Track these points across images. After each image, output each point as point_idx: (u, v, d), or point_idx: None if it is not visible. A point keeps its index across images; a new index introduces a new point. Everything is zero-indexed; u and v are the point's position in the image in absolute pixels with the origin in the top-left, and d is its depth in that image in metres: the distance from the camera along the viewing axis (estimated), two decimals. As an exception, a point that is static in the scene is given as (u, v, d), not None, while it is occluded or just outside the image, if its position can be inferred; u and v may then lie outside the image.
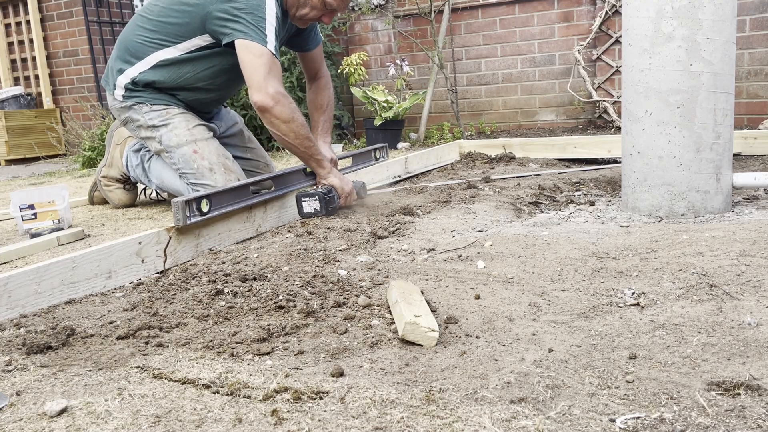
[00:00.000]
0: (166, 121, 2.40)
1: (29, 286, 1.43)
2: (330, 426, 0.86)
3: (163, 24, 2.32)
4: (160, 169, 2.56)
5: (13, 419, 0.94)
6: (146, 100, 2.41)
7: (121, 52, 2.42)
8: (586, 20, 4.58)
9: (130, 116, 2.45)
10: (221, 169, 2.35)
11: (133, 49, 2.38)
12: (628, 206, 2.07)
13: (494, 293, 1.36)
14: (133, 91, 2.42)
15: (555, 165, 3.23)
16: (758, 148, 3.01)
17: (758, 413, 0.82)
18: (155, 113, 2.40)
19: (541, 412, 0.87)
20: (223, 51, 2.27)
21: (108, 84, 2.48)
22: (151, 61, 2.36)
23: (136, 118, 2.44)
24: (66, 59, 6.43)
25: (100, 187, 2.86)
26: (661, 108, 1.91)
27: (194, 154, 2.35)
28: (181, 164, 2.39)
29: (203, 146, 2.37)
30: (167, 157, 2.43)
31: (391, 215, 2.19)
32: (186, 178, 2.40)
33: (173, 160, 2.41)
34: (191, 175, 2.37)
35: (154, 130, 2.41)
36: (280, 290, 1.43)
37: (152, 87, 2.42)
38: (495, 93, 5.04)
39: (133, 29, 2.40)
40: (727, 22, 1.86)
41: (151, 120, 2.41)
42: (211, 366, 1.08)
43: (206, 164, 2.35)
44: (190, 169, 2.37)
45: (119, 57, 2.43)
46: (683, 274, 1.38)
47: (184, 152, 2.37)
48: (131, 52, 2.39)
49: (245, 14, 2.13)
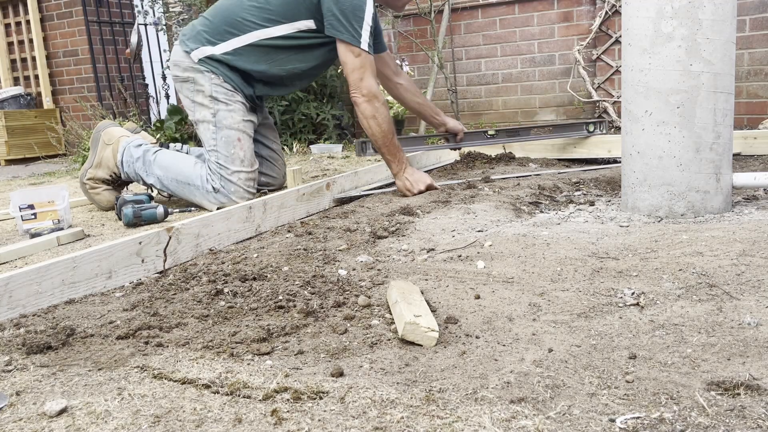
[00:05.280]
0: (229, 101, 2.56)
1: (30, 286, 1.43)
2: (330, 426, 0.86)
3: (268, 2, 2.48)
4: (171, 160, 2.65)
5: (13, 419, 0.94)
6: (221, 74, 2.55)
7: (217, 22, 2.53)
8: (586, 20, 4.58)
9: (195, 78, 2.56)
10: (247, 165, 2.58)
11: (233, 23, 2.51)
12: (627, 206, 2.07)
13: (494, 293, 1.36)
14: (212, 61, 2.55)
15: (555, 165, 3.23)
16: (758, 148, 3.00)
17: (758, 413, 0.82)
18: (222, 89, 2.55)
19: (541, 412, 0.87)
20: (319, 43, 2.52)
21: (187, 42, 2.57)
22: (248, 39, 2.51)
23: (202, 83, 2.56)
24: (66, 59, 6.43)
25: (86, 190, 2.80)
26: (661, 108, 1.91)
27: (237, 142, 2.56)
28: (220, 143, 2.56)
29: (245, 140, 2.59)
30: (210, 130, 2.56)
31: (391, 215, 2.19)
32: (215, 156, 2.56)
33: (215, 135, 2.56)
34: (222, 156, 2.55)
35: (213, 102, 2.55)
36: (280, 290, 1.43)
37: (232, 66, 2.55)
38: (495, 93, 5.04)
39: (237, 3, 2.52)
40: (727, 22, 1.86)
41: (216, 93, 2.55)
42: (211, 366, 1.08)
43: (240, 155, 2.57)
44: (225, 151, 2.55)
45: (214, 27, 2.54)
46: (683, 274, 1.38)
47: (230, 135, 2.55)
48: (230, 24, 2.51)
49: (348, 14, 2.37)
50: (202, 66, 2.55)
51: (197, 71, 2.56)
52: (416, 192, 2.48)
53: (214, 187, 2.58)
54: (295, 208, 2.34)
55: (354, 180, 2.76)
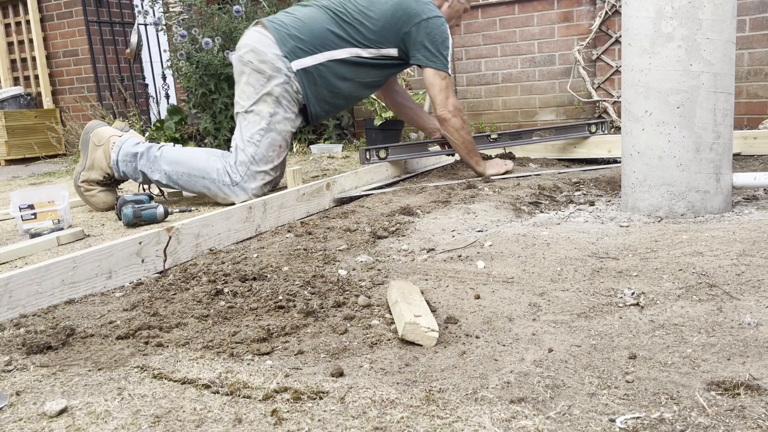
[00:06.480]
0: (289, 109, 2.67)
1: (30, 286, 1.43)
2: (330, 426, 0.86)
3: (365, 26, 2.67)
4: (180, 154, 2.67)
5: (13, 419, 0.94)
6: (304, 87, 2.66)
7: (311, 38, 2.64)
8: (586, 20, 4.58)
9: (273, 76, 2.61)
10: (274, 171, 2.70)
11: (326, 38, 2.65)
12: (627, 206, 2.07)
13: (494, 293, 1.36)
14: (303, 73, 2.64)
15: (555, 165, 3.23)
16: (758, 148, 3.00)
17: (758, 413, 0.82)
18: (291, 98, 2.66)
19: (541, 412, 0.87)
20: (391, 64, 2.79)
21: (284, 44, 2.62)
22: (340, 54, 2.67)
23: (276, 84, 2.61)
24: (66, 59, 6.43)
25: (81, 193, 2.78)
26: (661, 108, 1.91)
27: (278, 148, 2.68)
28: (264, 141, 2.64)
29: (284, 149, 2.73)
30: (259, 126, 2.62)
31: (391, 215, 2.19)
32: (253, 149, 2.63)
33: (262, 132, 2.63)
34: (260, 154, 2.63)
35: (276, 104, 2.64)
36: (280, 290, 1.43)
37: (317, 78, 2.66)
38: (495, 93, 5.04)
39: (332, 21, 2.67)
40: (727, 22, 1.86)
41: (283, 99, 2.64)
42: (211, 366, 1.08)
43: (275, 160, 2.68)
44: (264, 150, 2.64)
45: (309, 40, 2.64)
46: (683, 274, 1.38)
47: (276, 139, 2.66)
48: (323, 38, 2.65)
49: (440, 46, 2.69)
50: (291, 73, 2.62)
51: (280, 72, 2.61)
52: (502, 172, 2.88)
53: (233, 179, 2.61)
54: (295, 208, 2.34)
55: (354, 180, 2.76)
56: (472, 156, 2.86)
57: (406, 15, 2.67)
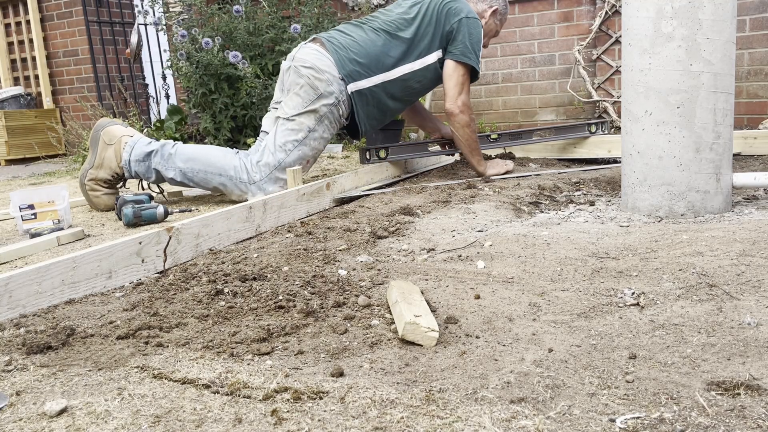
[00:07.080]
0: (328, 132, 2.71)
1: (30, 286, 1.43)
2: (330, 426, 0.86)
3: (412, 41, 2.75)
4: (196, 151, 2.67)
5: (13, 419, 0.94)
6: (356, 107, 2.71)
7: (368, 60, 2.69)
8: (586, 20, 4.58)
9: (325, 93, 2.63)
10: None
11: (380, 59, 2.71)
12: (628, 206, 2.07)
13: (494, 293, 1.36)
14: (359, 96, 2.69)
15: (555, 165, 3.23)
16: (758, 148, 3.00)
17: (758, 413, 0.82)
18: (334, 119, 2.70)
19: (541, 412, 0.87)
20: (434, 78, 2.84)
21: (345, 68, 2.66)
22: (396, 73, 2.74)
23: (326, 103, 2.64)
24: (66, 59, 6.43)
25: (85, 191, 2.75)
26: (661, 108, 1.91)
27: (305, 162, 2.71)
28: (295, 152, 2.64)
29: (310, 165, 2.76)
30: (295, 136, 2.63)
31: (391, 215, 2.19)
32: (282, 156, 2.63)
33: (296, 143, 2.64)
34: (287, 162, 2.63)
35: (318, 122, 2.66)
36: (280, 290, 1.43)
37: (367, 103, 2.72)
38: (495, 93, 5.04)
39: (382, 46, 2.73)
40: (727, 22, 1.86)
41: (326, 119, 2.67)
42: (211, 366, 1.08)
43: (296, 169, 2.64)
44: (292, 160, 2.64)
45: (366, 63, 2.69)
46: (683, 274, 1.38)
47: (306, 153, 2.68)
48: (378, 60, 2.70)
49: (475, 45, 2.78)
50: (344, 96, 2.66)
51: (332, 95, 2.64)
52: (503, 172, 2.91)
53: (251, 177, 2.62)
54: (295, 208, 2.34)
55: (354, 180, 2.76)
56: (474, 155, 2.88)
57: (450, 13, 2.77)
